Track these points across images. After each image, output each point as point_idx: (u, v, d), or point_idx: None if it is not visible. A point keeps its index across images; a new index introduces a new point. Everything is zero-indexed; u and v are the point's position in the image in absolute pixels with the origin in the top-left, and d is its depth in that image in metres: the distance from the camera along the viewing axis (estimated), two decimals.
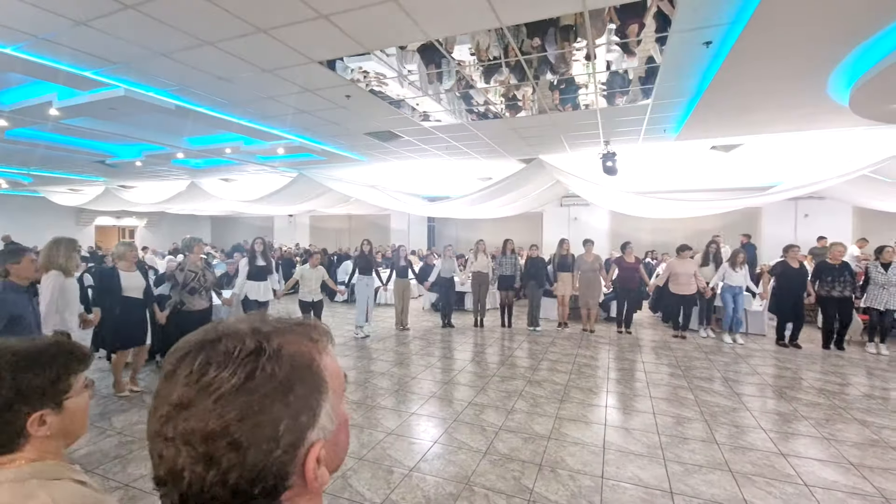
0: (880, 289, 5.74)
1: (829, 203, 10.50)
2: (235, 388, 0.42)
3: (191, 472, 0.41)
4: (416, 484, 2.75)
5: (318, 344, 0.49)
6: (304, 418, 0.45)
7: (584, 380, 4.78)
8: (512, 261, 7.46)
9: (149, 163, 8.21)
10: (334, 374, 0.49)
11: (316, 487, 0.45)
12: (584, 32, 3.36)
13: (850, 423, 3.65)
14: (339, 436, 0.49)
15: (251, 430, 0.41)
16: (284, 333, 0.47)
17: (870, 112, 4.55)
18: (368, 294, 6.87)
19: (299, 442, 0.44)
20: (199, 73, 4.07)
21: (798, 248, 6.40)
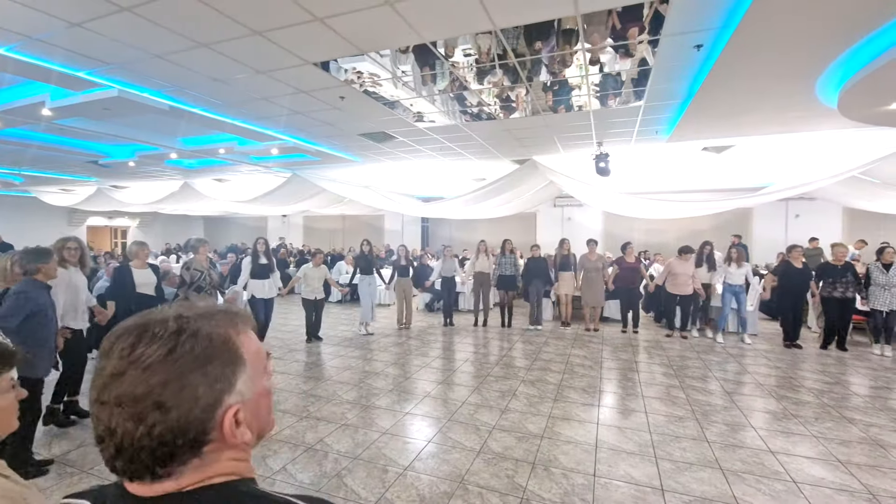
0: (882, 290, 5.74)
1: (819, 204, 10.63)
2: (159, 359, 0.51)
3: (123, 429, 0.50)
4: (410, 483, 2.77)
5: (237, 327, 0.59)
6: (220, 385, 0.53)
7: (578, 379, 4.82)
8: (511, 261, 7.51)
9: (142, 163, 8.16)
10: (253, 353, 0.58)
11: (236, 443, 0.54)
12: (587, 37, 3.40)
13: (839, 422, 3.72)
14: (259, 403, 0.58)
15: (173, 393, 0.50)
16: (206, 318, 0.56)
17: (857, 114, 4.63)
18: (371, 293, 6.99)
19: (217, 404, 0.53)
20: (193, 75, 4.06)
21: (801, 248, 6.39)
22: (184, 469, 0.52)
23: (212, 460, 0.53)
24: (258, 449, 3.19)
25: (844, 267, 5.99)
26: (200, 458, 0.52)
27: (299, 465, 2.98)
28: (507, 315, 7.62)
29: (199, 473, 0.52)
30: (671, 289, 6.89)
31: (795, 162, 7.88)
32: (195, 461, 0.52)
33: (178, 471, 0.52)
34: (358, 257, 7.25)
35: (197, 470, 0.52)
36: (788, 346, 6.21)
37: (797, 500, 2.61)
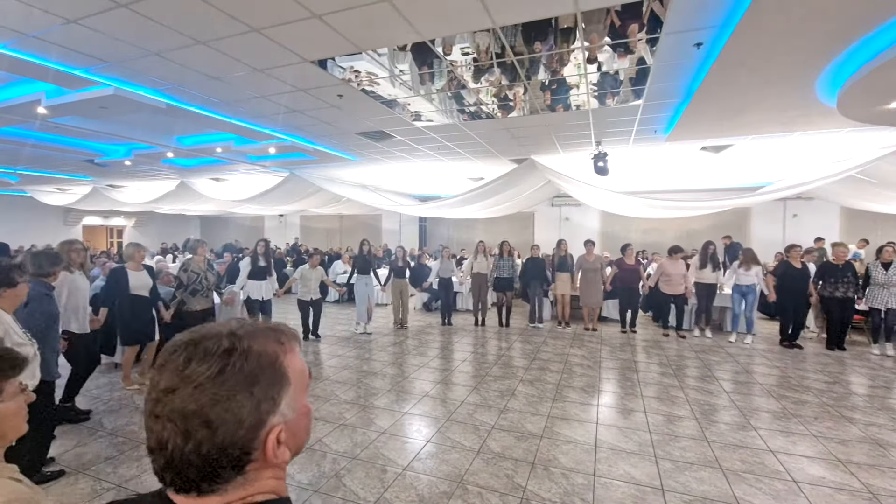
0: (881, 289, 5.74)
1: (817, 203, 10.66)
2: (210, 378, 0.52)
3: (173, 443, 0.51)
4: (409, 483, 2.75)
5: (285, 345, 0.59)
6: (266, 406, 0.54)
7: (577, 379, 4.81)
8: (509, 263, 7.51)
9: (138, 162, 8.11)
10: (298, 371, 0.59)
11: (276, 463, 0.55)
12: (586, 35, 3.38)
13: (838, 421, 3.72)
14: (299, 423, 0.59)
15: (221, 412, 0.51)
16: (256, 336, 0.57)
17: (857, 114, 4.64)
18: (368, 293, 7.04)
19: (261, 424, 0.53)
20: (190, 73, 4.03)
21: (800, 248, 6.37)
22: (227, 487, 0.53)
23: (254, 479, 0.54)
24: None
25: (845, 266, 5.98)
26: (244, 477, 0.53)
27: (297, 465, 2.96)
28: (506, 315, 7.62)
29: (241, 491, 0.54)
30: (665, 289, 6.91)
31: (794, 161, 7.89)
32: (239, 479, 0.53)
33: (221, 489, 0.53)
34: (356, 257, 7.29)
35: (240, 488, 0.53)
36: (786, 345, 6.20)
37: (797, 500, 2.60)
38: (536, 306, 7.55)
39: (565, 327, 7.49)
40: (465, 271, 8.03)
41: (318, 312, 6.66)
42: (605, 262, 7.60)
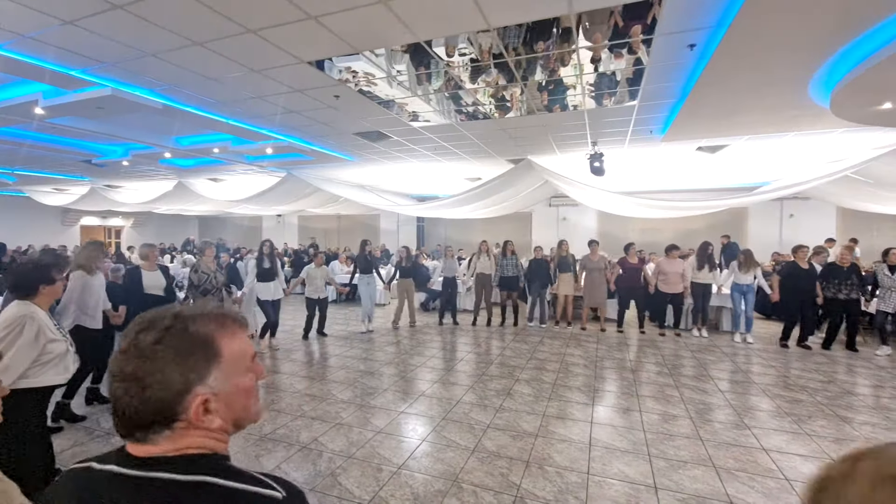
0: (888, 291, 5.74)
1: (813, 203, 10.71)
2: (148, 346, 0.62)
3: (120, 398, 0.62)
4: (404, 481, 2.76)
5: (226, 328, 0.68)
6: (193, 376, 0.63)
7: (573, 378, 4.83)
8: (513, 262, 7.55)
9: (136, 162, 8.12)
10: (234, 352, 0.67)
11: (206, 426, 0.64)
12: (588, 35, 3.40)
13: (832, 420, 3.75)
14: (234, 398, 0.67)
15: (152, 375, 0.61)
16: (197, 318, 0.67)
17: (850, 114, 4.67)
18: (370, 292, 7.15)
19: (186, 390, 0.62)
20: (187, 73, 4.04)
21: (808, 249, 6.33)
22: (157, 438, 0.62)
23: (182, 436, 0.63)
24: (253, 448, 3.18)
25: (850, 268, 5.96)
26: (172, 432, 0.62)
27: (293, 463, 2.97)
28: (514, 314, 7.68)
29: (170, 444, 0.62)
30: (662, 288, 6.94)
31: (789, 162, 7.93)
32: (167, 433, 0.62)
33: (152, 438, 0.62)
34: (358, 257, 7.36)
35: (169, 440, 0.62)
36: (785, 346, 6.18)
37: (789, 498, 2.62)
38: (538, 307, 7.55)
39: (566, 327, 7.49)
40: (469, 271, 8.03)
41: (324, 311, 6.77)
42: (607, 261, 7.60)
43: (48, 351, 2.40)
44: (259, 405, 0.72)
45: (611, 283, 7.31)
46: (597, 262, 7.28)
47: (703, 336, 6.85)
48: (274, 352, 6.00)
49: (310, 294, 6.61)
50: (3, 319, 2.29)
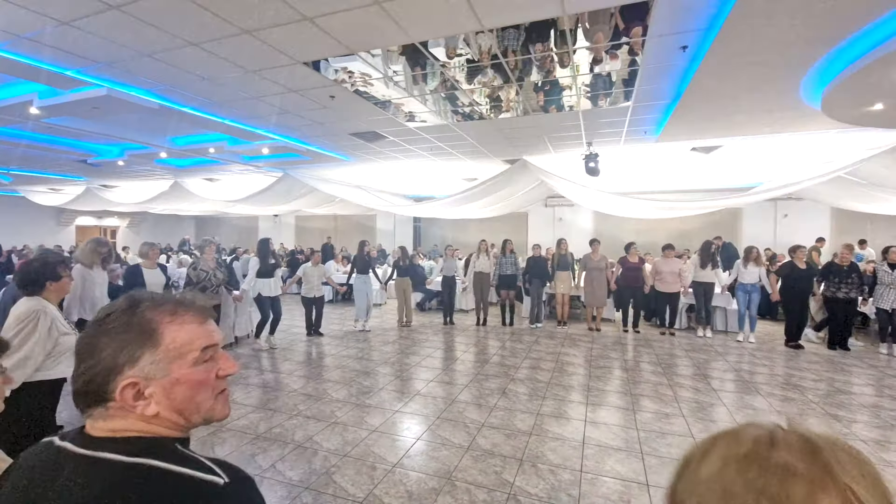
0: (887, 289, 5.77)
1: (807, 204, 10.79)
2: (94, 323, 0.66)
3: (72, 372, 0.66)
4: (398, 479, 2.78)
5: (176, 317, 0.68)
6: (123, 357, 0.64)
7: (567, 377, 4.86)
8: (512, 261, 7.57)
9: (131, 162, 8.10)
10: (177, 341, 0.67)
11: (141, 412, 0.64)
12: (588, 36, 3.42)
13: (822, 418, 3.79)
14: (175, 388, 0.66)
15: (89, 352, 0.64)
16: (151, 304, 0.68)
17: (841, 115, 4.71)
18: (367, 291, 7.21)
19: (115, 371, 0.63)
20: (183, 74, 4.05)
21: (805, 249, 6.36)
22: (93, 413, 0.64)
23: (116, 416, 0.64)
24: (248, 447, 3.19)
25: (850, 268, 6.00)
26: (105, 410, 0.63)
27: (288, 462, 2.99)
28: (509, 314, 7.70)
29: (104, 423, 0.63)
30: (659, 287, 6.98)
31: (783, 162, 7.99)
32: (100, 410, 0.64)
33: (94, 416, 0.64)
34: (356, 257, 7.43)
35: (102, 419, 0.64)
36: (792, 346, 6.16)
37: None
38: (536, 306, 7.56)
39: (563, 326, 7.52)
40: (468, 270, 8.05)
41: (320, 310, 6.86)
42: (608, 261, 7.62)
43: (60, 343, 2.47)
44: (218, 401, 0.70)
45: (611, 283, 7.32)
46: (598, 262, 7.30)
47: (706, 336, 6.84)
48: (272, 350, 6.02)
49: (305, 293, 6.67)
50: (17, 314, 2.36)
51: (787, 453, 0.40)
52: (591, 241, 7.59)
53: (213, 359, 0.70)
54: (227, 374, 0.71)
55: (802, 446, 0.41)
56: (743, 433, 0.44)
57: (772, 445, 0.41)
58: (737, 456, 0.42)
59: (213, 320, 0.73)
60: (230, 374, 0.72)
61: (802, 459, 0.39)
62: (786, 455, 0.40)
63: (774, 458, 0.40)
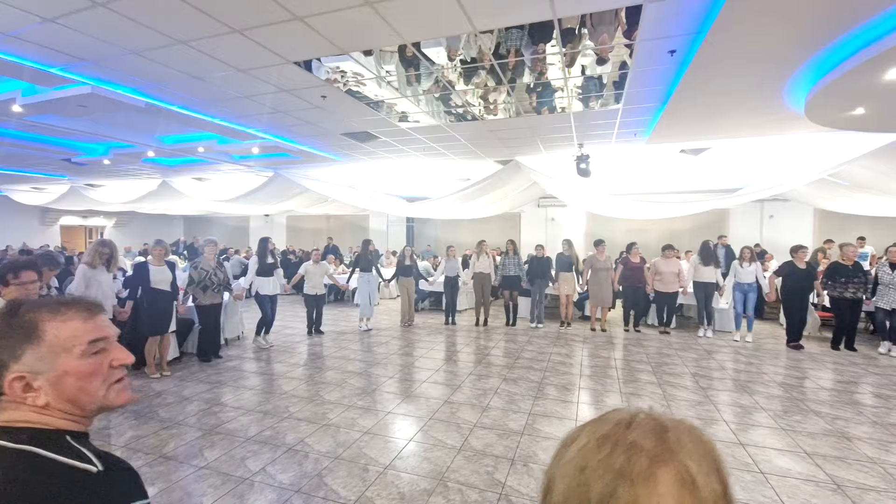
0: (887, 288, 5.79)
1: (792, 205, 10.99)
2: None
3: None
4: (390, 481, 2.78)
5: (59, 315, 0.71)
6: (6, 354, 0.68)
7: (559, 377, 4.89)
8: (515, 261, 7.59)
9: (117, 161, 7.97)
10: (61, 336, 0.70)
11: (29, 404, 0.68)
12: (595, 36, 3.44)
13: (807, 415, 3.87)
14: (64, 381, 0.70)
15: None
16: (32, 305, 0.72)
17: (824, 119, 4.81)
18: (370, 290, 7.23)
19: (2, 367, 0.68)
20: (171, 72, 4.00)
21: (806, 249, 6.35)
22: None
23: (13, 408, 0.68)
24: (239, 450, 3.16)
25: (855, 267, 5.99)
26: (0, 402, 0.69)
27: (279, 465, 2.97)
28: (513, 314, 7.71)
29: (4, 414, 0.68)
30: (658, 287, 7.04)
31: (769, 164, 8.14)
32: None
33: None
34: (359, 256, 7.46)
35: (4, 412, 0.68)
36: (793, 346, 6.18)
37: (764, 490, 2.71)
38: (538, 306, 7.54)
39: (567, 327, 7.52)
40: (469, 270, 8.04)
41: (321, 308, 6.93)
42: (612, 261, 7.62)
43: None
44: (112, 389, 0.74)
45: (615, 283, 7.35)
46: (604, 262, 7.30)
47: (708, 336, 6.87)
48: (268, 349, 6.03)
49: (307, 290, 6.74)
50: None
51: (638, 433, 0.44)
52: (596, 241, 7.55)
53: (106, 350, 0.74)
54: (121, 364, 0.76)
55: (653, 428, 0.45)
56: (608, 417, 0.48)
57: (628, 427, 0.45)
58: (597, 436, 0.45)
59: (102, 315, 0.77)
60: (125, 364, 0.76)
61: (650, 438, 0.44)
62: (637, 435, 0.44)
63: (627, 437, 0.44)
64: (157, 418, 3.70)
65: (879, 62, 3.29)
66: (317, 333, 6.85)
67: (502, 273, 7.59)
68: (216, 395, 4.31)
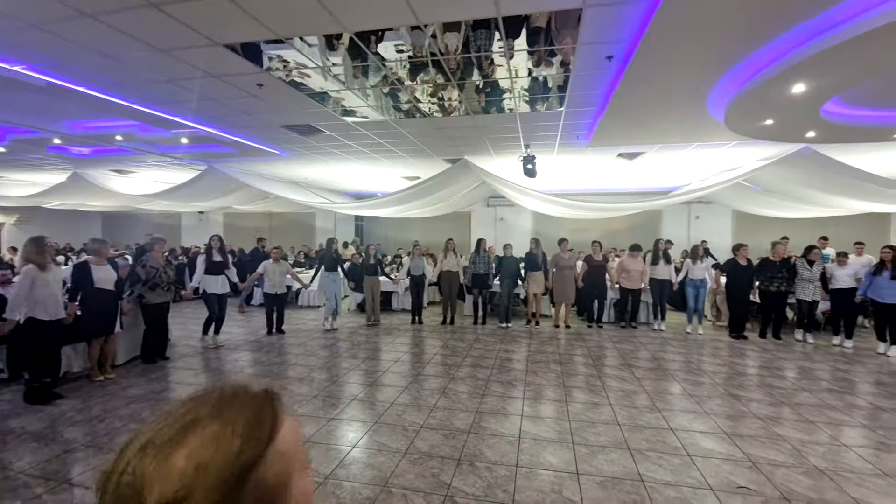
0: (806, 283, 6.49)
1: (715, 207, 12.04)
2: None
3: None
4: (330, 492, 2.64)
5: None
6: None
7: (505, 374, 4.96)
8: (485, 260, 7.57)
9: (16, 149, 7.00)
10: None
11: None
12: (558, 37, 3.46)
13: (726, 399, 4.21)
14: None
15: None
16: None
17: (740, 128, 5.28)
18: (335, 290, 7.14)
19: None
20: (77, 49, 3.55)
21: (746, 247, 6.87)
22: None
23: None
24: None
25: (781, 263, 6.63)
26: None
27: None
28: (483, 313, 7.71)
29: None
30: (625, 284, 7.34)
31: (696, 169, 8.83)
32: None
33: None
34: (324, 254, 7.39)
35: None
36: (735, 337, 6.71)
37: (691, 471, 2.89)
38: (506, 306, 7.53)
39: (536, 325, 7.59)
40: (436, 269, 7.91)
41: (282, 307, 6.83)
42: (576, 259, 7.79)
43: None
44: None
45: (578, 281, 7.52)
46: (568, 260, 7.45)
47: (661, 329, 7.27)
48: (217, 349, 5.79)
49: (267, 289, 6.68)
50: None
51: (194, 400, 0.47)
52: (559, 240, 7.64)
53: None
54: None
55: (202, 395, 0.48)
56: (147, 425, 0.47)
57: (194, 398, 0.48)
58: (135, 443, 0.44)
59: None
60: None
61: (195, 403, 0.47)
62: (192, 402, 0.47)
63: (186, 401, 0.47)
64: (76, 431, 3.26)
65: (783, 78, 3.64)
66: (278, 333, 6.73)
67: (472, 271, 7.58)
68: (155, 401, 3.89)
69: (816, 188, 7.35)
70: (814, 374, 5.01)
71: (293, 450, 0.48)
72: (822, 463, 3.01)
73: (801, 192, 7.82)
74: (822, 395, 4.31)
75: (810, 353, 5.94)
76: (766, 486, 2.73)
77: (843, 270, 6.35)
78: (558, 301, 7.55)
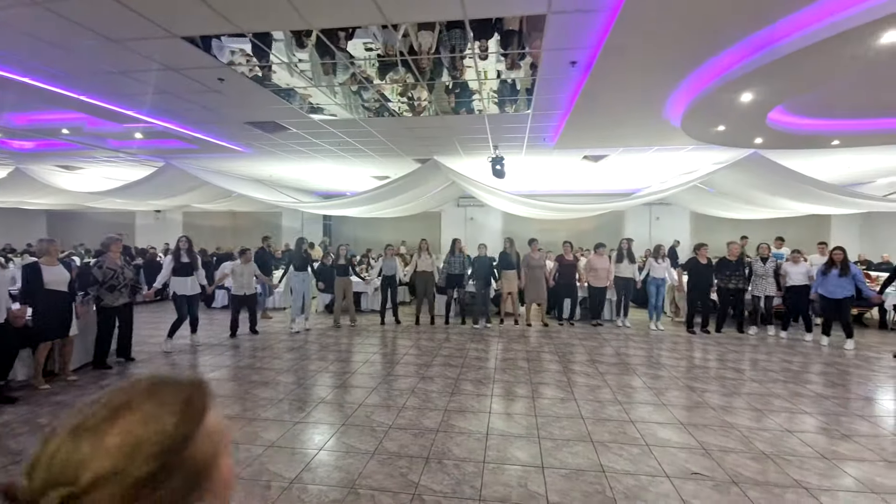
0: (760, 279, 6.89)
1: (674, 208, 12.62)
2: None
3: None
4: (296, 496, 2.59)
5: None
6: None
7: (474, 371, 5.01)
8: (460, 260, 7.56)
9: None
10: None
11: None
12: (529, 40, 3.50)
13: (683, 391, 4.43)
14: None
15: None
16: None
17: (695, 133, 5.57)
18: (304, 290, 7.03)
19: None
20: (18, 36, 3.31)
21: (706, 247, 7.19)
22: None
23: None
24: None
25: (737, 262, 6.98)
26: None
27: None
28: (462, 313, 7.69)
29: None
30: (592, 282, 7.53)
31: (656, 172, 9.24)
32: None
33: None
34: (293, 254, 7.27)
35: None
36: (692, 332, 7.02)
37: (649, 461, 3.02)
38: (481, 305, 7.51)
39: (514, 324, 7.64)
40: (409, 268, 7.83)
41: (254, 307, 6.78)
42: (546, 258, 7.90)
43: None
44: None
45: (550, 280, 7.63)
46: (538, 260, 7.54)
47: (625, 325, 7.51)
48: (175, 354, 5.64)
49: (235, 291, 6.59)
50: None
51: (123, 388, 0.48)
52: (530, 240, 7.72)
53: None
54: None
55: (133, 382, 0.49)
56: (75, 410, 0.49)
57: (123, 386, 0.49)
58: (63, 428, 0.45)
59: None
60: None
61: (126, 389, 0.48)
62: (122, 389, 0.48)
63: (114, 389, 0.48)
64: None
65: (733, 87, 3.88)
66: (252, 333, 6.68)
67: (447, 271, 7.57)
68: None
69: (764, 191, 7.86)
70: (763, 366, 5.34)
71: (220, 432, 0.50)
72: (768, 448, 3.22)
73: (751, 195, 8.34)
74: (770, 386, 4.61)
75: (760, 346, 6.34)
76: (716, 470, 2.90)
77: (797, 268, 6.78)
78: (529, 300, 7.69)
